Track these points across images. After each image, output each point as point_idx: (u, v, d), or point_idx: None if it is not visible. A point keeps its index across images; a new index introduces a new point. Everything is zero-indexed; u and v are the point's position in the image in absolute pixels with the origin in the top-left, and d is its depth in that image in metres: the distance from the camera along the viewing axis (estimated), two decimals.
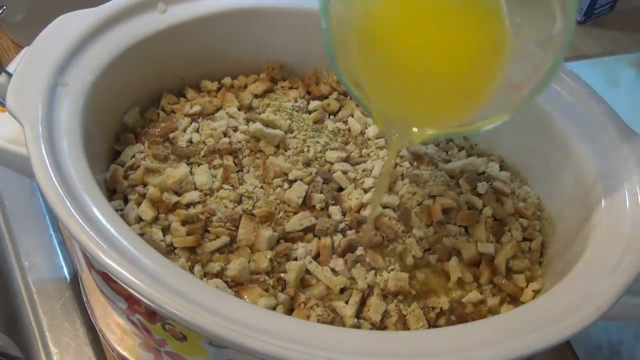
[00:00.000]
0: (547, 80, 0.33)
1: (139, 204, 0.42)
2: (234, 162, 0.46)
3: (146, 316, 0.38)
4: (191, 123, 0.48)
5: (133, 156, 0.46)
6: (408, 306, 0.41)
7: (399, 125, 0.37)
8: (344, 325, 0.39)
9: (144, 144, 0.47)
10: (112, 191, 0.44)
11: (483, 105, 0.36)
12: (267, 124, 0.48)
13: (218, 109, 0.51)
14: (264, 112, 0.50)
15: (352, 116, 0.52)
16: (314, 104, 0.52)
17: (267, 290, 0.39)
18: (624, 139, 0.42)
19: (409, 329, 0.40)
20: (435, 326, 0.40)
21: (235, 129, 0.48)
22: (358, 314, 0.40)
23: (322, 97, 0.54)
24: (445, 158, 0.51)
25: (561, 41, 0.33)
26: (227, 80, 0.53)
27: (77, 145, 0.38)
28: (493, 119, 0.35)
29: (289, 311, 0.40)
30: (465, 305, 0.42)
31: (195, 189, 0.43)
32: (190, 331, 0.35)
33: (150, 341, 0.40)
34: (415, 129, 0.36)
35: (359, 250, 0.42)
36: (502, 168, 0.51)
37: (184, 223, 0.42)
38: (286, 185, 0.45)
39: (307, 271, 0.41)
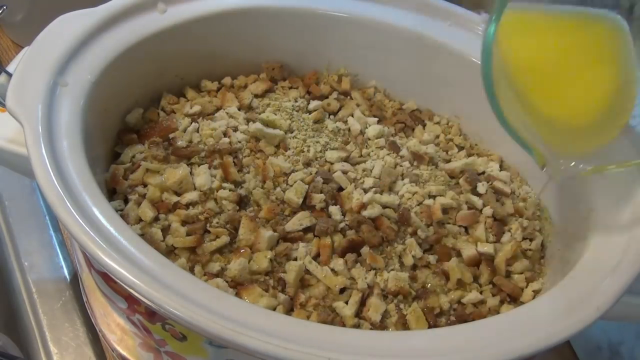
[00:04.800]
0: None
1: (139, 204, 0.42)
2: (234, 162, 0.46)
3: (146, 316, 0.38)
4: (191, 123, 0.48)
5: (133, 156, 0.46)
6: (408, 306, 0.41)
7: (553, 157, 0.39)
8: (344, 325, 0.39)
9: (144, 144, 0.47)
10: (112, 191, 0.44)
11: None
12: (267, 123, 0.48)
13: (218, 109, 0.51)
14: (264, 112, 0.50)
15: (352, 116, 0.52)
16: (314, 103, 0.52)
17: (267, 290, 0.39)
18: (625, 139, 0.42)
19: (409, 329, 0.40)
20: (435, 326, 0.40)
21: (235, 129, 0.48)
22: (358, 314, 0.40)
23: (322, 97, 0.54)
24: (445, 158, 0.51)
25: None
26: (227, 80, 0.53)
27: (77, 145, 0.38)
28: None
29: (289, 311, 0.40)
30: (465, 305, 0.42)
31: (195, 189, 0.43)
32: (190, 331, 0.35)
33: (150, 341, 0.40)
34: (572, 163, 0.39)
35: (359, 250, 0.42)
36: (502, 168, 0.51)
37: (184, 223, 0.42)
38: (286, 185, 0.45)
39: (307, 271, 0.41)
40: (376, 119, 0.52)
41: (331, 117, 0.53)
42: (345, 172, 0.46)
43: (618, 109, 0.38)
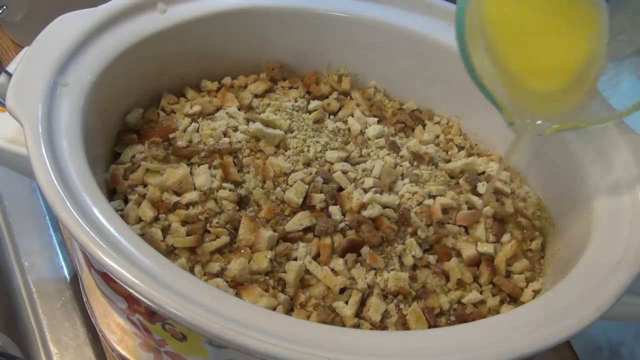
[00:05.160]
0: None
1: (139, 204, 0.42)
2: (234, 162, 0.46)
3: (146, 316, 0.38)
4: (191, 123, 0.48)
5: (133, 156, 0.46)
6: (408, 306, 0.41)
7: (523, 116, 0.41)
8: (344, 325, 0.39)
9: (144, 145, 0.47)
10: (112, 191, 0.44)
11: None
12: (267, 123, 0.48)
13: (218, 109, 0.51)
14: (264, 112, 0.50)
15: (352, 116, 0.52)
16: (314, 103, 0.52)
17: (267, 290, 0.39)
18: (624, 139, 0.42)
19: (409, 329, 0.40)
20: (435, 326, 0.40)
21: (235, 129, 0.48)
22: (358, 314, 0.40)
23: (322, 97, 0.54)
24: (445, 158, 0.51)
25: None
26: (227, 80, 0.53)
27: (77, 145, 0.38)
28: (619, 114, 0.40)
29: (289, 311, 0.40)
30: (465, 305, 0.42)
31: (195, 189, 0.43)
32: (190, 331, 0.35)
33: (150, 341, 0.40)
34: (538, 122, 0.40)
35: (359, 250, 0.42)
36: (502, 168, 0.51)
37: (184, 223, 0.42)
38: (286, 185, 0.45)
39: (307, 271, 0.41)
40: (376, 119, 0.52)
41: (331, 117, 0.53)
42: (345, 172, 0.46)
43: (585, 76, 0.39)
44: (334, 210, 0.44)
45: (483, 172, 0.50)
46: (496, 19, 0.39)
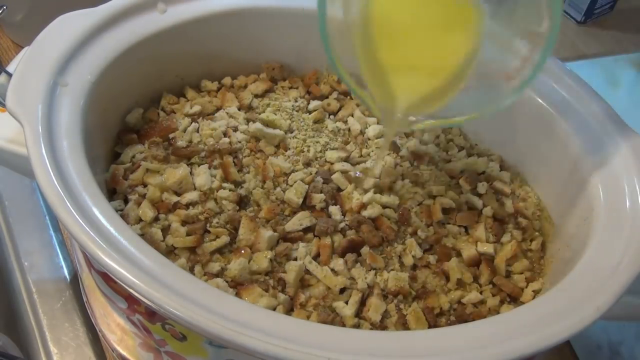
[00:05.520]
0: (534, 73, 0.37)
1: (139, 204, 0.42)
2: (234, 162, 0.46)
3: (146, 316, 0.38)
4: (191, 123, 0.48)
5: (133, 156, 0.46)
6: (408, 306, 0.41)
7: (389, 112, 0.40)
8: (344, 325, 0.39)
9: (144, 145, 0.47)
10: (112, 191, 0.44)
11: (469, 96, 0.40)
12: (267, 123, 0.49)
13: (218, 109, 0.51)
14: (264, 112, 0.50)
15: (352, 116, 0.52)
16: (314, 103, 0.52)
17: (267, 290, 0.39)
18: (624, 139, 0.42)
19: (409, 329, 0.40)
20: (435, 326, 0.40)
21: (235, 129, 0.48)
22: (358, 314, 0.40)
23: (322, 97, 0.54)
24: (446, 158, 0.51)
25: (548, 36, 0.36)
26: (227, 80, 0.53)
27: (77, 145, 0.38)
28: (485, 110, 0.40)
29: (289, 311, 0.40)
30: (465, 305, 0.42)
31: (195, 189, 0.43)
32: (190, 331, 0.35)
33: (150, 341, 0.40)
34: (410, 118, 0.40)
35: (359, 250, 0.42)
36: (502, 168, 0.51)
37: (184, 223, 0.42)
38: (286, 185, 0.45)
39: (307, 271, 0.41)
40: (376, 119, 0.52)
41: (331, 117, 0.53)
42: (345, 172, 0.46)
43: (459, 75, 0.39)
44: (334, 210, 0.44)
45: (483, 172, 0.50)
46: (377, 12, 0.38)
